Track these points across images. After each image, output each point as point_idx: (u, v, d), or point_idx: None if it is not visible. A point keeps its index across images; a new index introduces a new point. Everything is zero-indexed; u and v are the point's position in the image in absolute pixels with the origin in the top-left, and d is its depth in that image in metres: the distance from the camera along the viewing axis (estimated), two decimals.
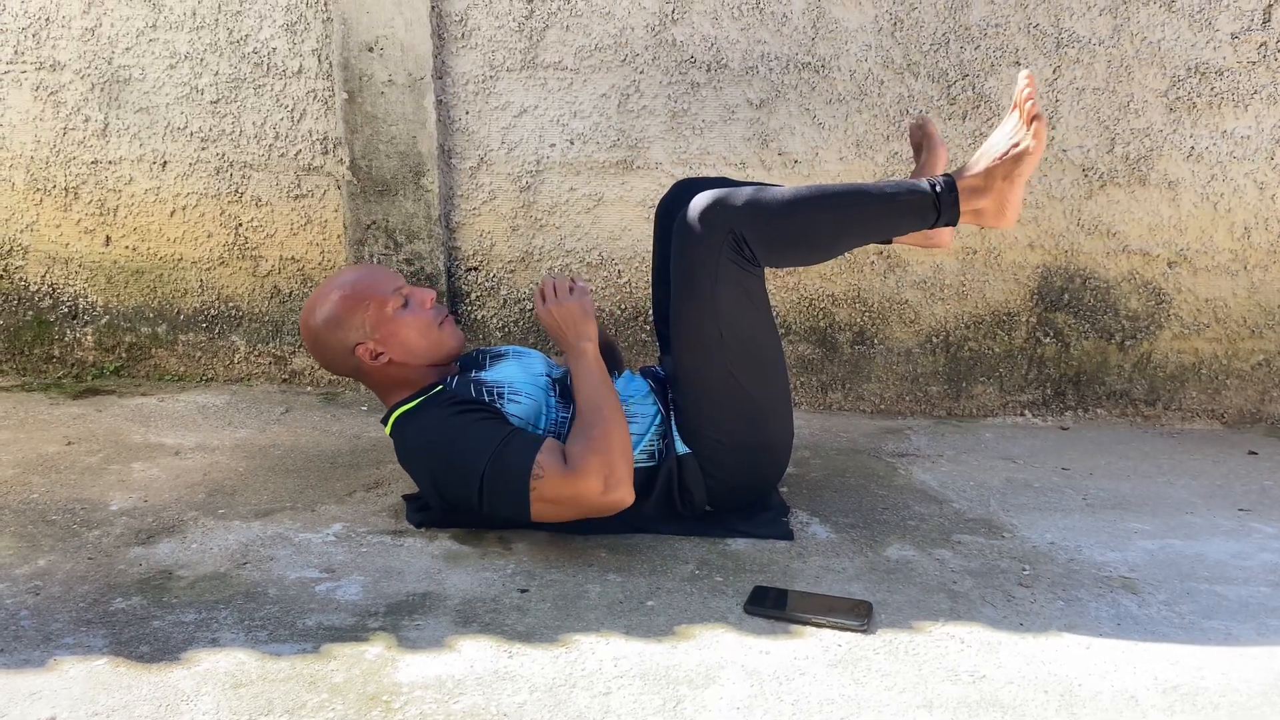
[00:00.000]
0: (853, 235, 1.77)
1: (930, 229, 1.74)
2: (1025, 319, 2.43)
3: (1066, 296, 2.42)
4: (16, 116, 2.53)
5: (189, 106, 2.48)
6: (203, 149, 2.50)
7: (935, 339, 2.46)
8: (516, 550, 1.66)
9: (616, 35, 2.35)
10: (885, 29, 2.31)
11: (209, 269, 2.58)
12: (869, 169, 2.37)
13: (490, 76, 2.40)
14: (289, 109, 2.46)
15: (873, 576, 1.59)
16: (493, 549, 1.66)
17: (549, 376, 1.79)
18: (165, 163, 2.52)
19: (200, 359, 2.63)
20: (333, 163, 2.47)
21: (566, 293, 1.72)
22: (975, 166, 1.67)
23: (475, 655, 1.35)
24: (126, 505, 1.83)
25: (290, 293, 2.57)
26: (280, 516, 1.79)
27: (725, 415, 1.71)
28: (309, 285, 2.56)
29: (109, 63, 2.47)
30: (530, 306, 2.52)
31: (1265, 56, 2.26)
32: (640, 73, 2.37)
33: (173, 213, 2.55)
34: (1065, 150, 2.33)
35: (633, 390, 1.79)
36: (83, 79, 2.49)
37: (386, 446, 2.05)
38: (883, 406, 2.50)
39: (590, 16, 2.35)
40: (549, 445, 1.57)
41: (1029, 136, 1.62)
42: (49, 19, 2.46)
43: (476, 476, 1.56)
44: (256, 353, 2.61)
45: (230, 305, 2.59)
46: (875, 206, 1.69)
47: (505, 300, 2.53)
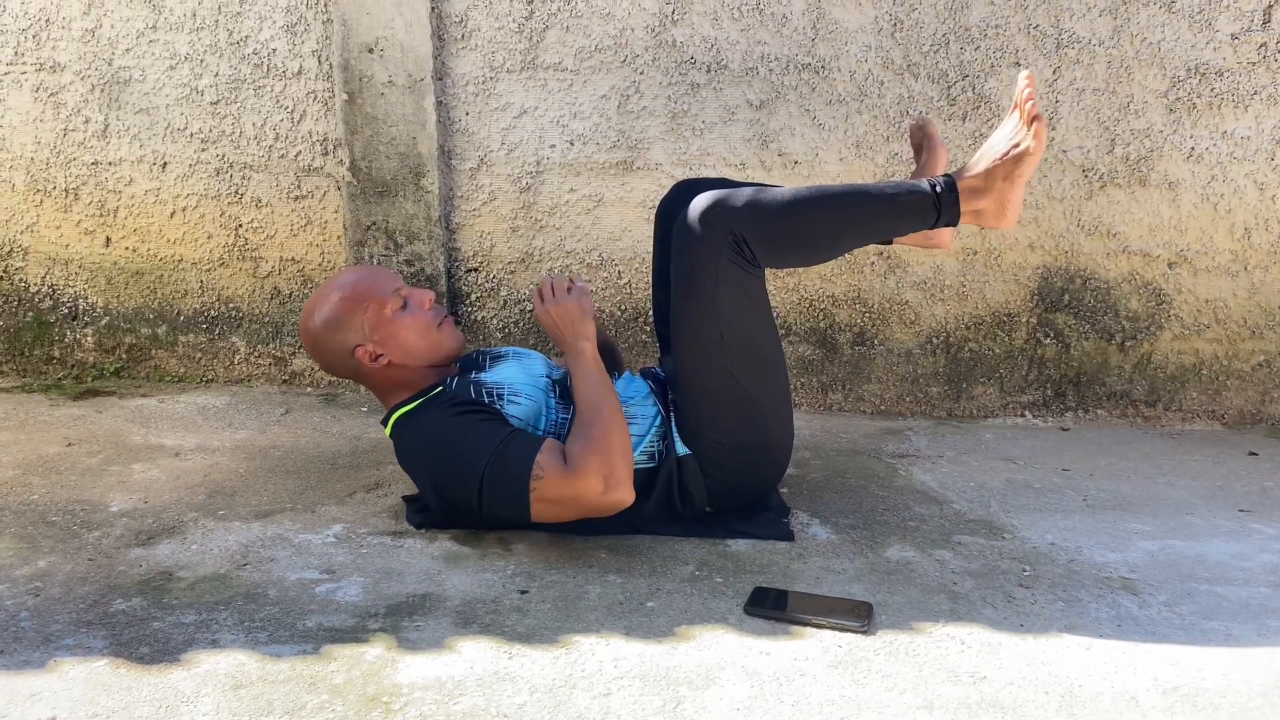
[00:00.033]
0: (853, 236, 1.77)
1: (930, 229, 1.74)
2: (1025, 320, 2.43)
3: (1067, 297, 2.42)
4: (16, 117, 2.53)
5: (189, 107, 2.48)
6: (203, 150, 2.50)
7: (935, 340, 2.46)
8: (516, 551, 1.66)
9: (616, 36, 2.35)
10: (885, 30, 2.31)
11: (209, 270, 2.58)
12: (869, 170, 2.37)
13: (490, 77, 2.40)
14: (289, 110, 2.46)
15: (873, 577, 1.59)
16: (493, 550, 1.66)
17: (549, 378, 1.78)
18: (165, 164, 2.52)
19: (200, 360, 2.63)
20: (333, 164, 2.47)
21: (565, 292, 1.72)
22: (975, 167, 1.67)
23: (475, 656, 1.35)
24: (127, 506, 1.83)
25: (290, 294, 2.57)
26: (280, 518, 1.79)
27: (725, 416, 1.71)
28: (309, 286, 2.56)
29: (109, 64, 2.48)
30: (530, 307, 2.52)
31: (1265, 57, 2.26)
32: (640, 74, 2.37)
33: (173, 214, 2.55)
34: (1065, 151, 2.33)
35: (633, 391, 1.79)
36: (83, 80, 2.49)
37: (386, 448, 2.05)
38: (883, 407, 2.50)
39: (590, 17, 2.35)
40: (549, 446, 1.57)
41: (1029, 137, 1.62)
42: (49, 20, 2.46)
43: (476, 477, 1.56)
44: (257, 354, 2.61)
45: (230, 306, 2.59)
46: (875, 207, 1.69)
47: (505, 301, 2.53)
